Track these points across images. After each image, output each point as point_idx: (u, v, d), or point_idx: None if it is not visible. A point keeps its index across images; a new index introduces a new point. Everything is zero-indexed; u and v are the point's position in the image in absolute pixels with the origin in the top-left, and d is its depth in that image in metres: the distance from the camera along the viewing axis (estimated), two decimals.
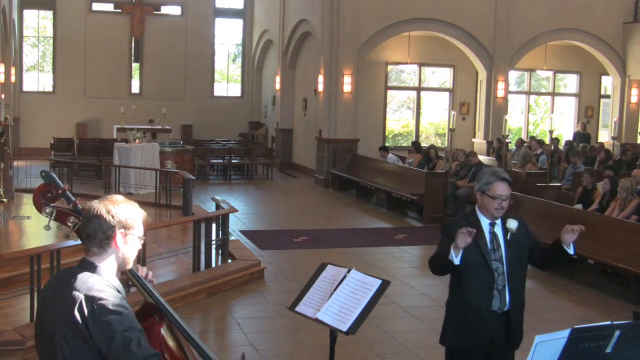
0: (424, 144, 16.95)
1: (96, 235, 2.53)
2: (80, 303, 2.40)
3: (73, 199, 2.87)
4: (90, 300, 2.40)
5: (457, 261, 3.74)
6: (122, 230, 2.55)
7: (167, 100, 21.65)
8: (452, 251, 3.74)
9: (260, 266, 8.72)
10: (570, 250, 3.80)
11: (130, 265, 2.65)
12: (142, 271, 2.79)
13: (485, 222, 3.90)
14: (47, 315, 2.51)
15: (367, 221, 13.09)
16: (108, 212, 2.53)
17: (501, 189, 3.83)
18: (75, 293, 2.43)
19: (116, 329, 2.38)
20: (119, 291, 2.52)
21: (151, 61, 22.37)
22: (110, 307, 2.40)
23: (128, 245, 2.58)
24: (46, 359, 2.55)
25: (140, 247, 2.65)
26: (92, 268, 2.53)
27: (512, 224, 3.86)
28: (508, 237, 3.88)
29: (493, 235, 3.90)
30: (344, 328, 3.46)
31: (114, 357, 2.38)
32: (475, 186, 4.01)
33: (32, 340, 5.69)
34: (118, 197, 2.62)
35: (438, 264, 3.94)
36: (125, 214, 2.56)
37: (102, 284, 2.48)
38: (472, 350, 3.92)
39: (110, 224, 2.53)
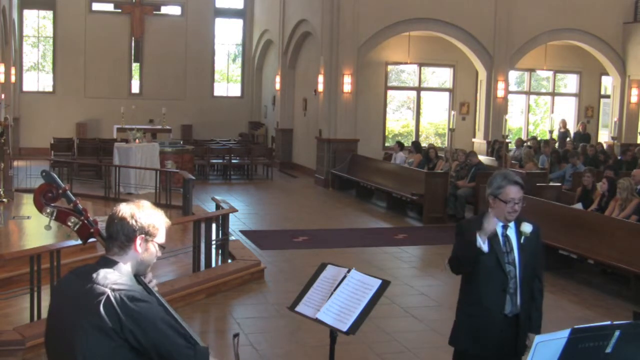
0: (424, 144, 16.95)
1: (118, 236, 2.59)
2: (107, 297, 2.43)
3: (73, 198, 2.87)
4: (118, 293, 2.44)
5: (485, 248, 3.70)
6: (144, 235, 2.60)
7: (167, 100, 21.65)
8: (478, 238, 3.70)
9: (260, 266, 8.72)
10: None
11: (148, 271, 2.70)
12: (148, 276, 2.82)
13: (498, 224, 3.86)
14: (65, 310, 2.53)
15: (367, 221, 13.09)
16: (132, 216, 2.59)
17: (513, 192, 3.80)
18: (100, 287, 2.46)
19: (150, 316, 2.45)
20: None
21: (151, 61, 22.37)
22: (139, 297, 2.47)
23: (148, 252, 2.64)
24: (58, 355, 2.56)
25: (160, 254, 2.69)
26: (112, 265, 2.57)
27: (527, 227, 3.83)
28: (522, 241, 3.86)
29: (506, 237, 3.87)
30: (344, 328, 3.46)
31: (154, 342, 2.44)
32: (487, 190, 3.95)
33: (32, 340, 5.73)
34: (145, 203, 2.68)
35: (463, 257, 3.87)
36: (149, 220, 2.62)
37: (124, 278, 2.53)
38: (483, 353, 3.90)
39: (133, 228, 2.59)
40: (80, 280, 2.53)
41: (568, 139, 18.12)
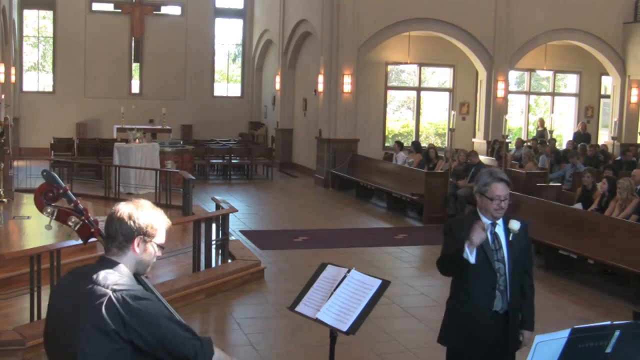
0: (424, 144, 16.95)
1: (116, 236, 2.57)
2: (109, 298, 2.42)
3: (74, 198, 2.87)
4: (119, 293, 2.44)
5: (472, 259, 3.68)
6: (142, 236, 2.58)
7: (167, 100, 21.65)
8: (466, 249, 3.67)
9: (260, 266, 8.72)
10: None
11: (147, 271, 2.69)
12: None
13: (486, 222, 3.88)
14: (65, 311, 2.52)
15: (367, 221, 13.09)
16: (130, 217, 2.57)
17: (499, 189, 3.82)
18: (100, 288, 2.45)
19: (153, 313, 2.45)
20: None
21: (151, 61, 22.37)
22: (140, 295, 2.46)
23: (147, 252, 2.62)
24: (59, 356, 2.56)
25: (160, 254, 2.67)
26: (112, 265, 2.56)
27: (515, 224, 3.84)
28: (510, 238, 3.88)
29: (494, 235, 3.90)
30: (344, 328, 3.46)
31: (160, 338, 2.44)
32: (474, 188, 4.00)
33: (32, 340, 5.73)
34: (145, 203, 2.65)
35: (451, 265, 3.87)
36: (147, 221, 2.59)
37: (124, 278, 2.52)
38: (475, 351, 3.92)
39: (131, 229, 2.56)
40: (80, 281, 2.52)
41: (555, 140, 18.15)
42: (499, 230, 3.91)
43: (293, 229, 11.77)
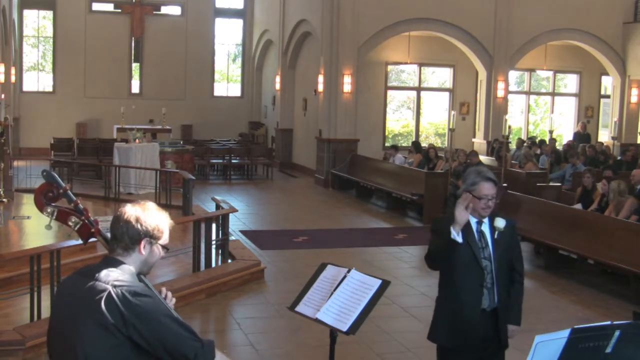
0: (424, 144, 16.95)
1: (122, 238, 2.59)
2: (109, 293, 2.43)
3: (74, 198, 2.87)
4: (119, 289, 2.44)
5: (459, 239, 3.74)
6: (149, 238, 2.60)
7: (167, 100, 21.65)
8: (452, 230, 3.74)
9: (260, 266, 8.72)
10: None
11: (150, 270, 2.70)
12: (163, 291, 2.83)
13: (472, 220, 3.93)
14: (67, 309, 2.53)
15: (367, 221, 13.09)
16: (137, 220, 2.58)
17: (487, 188, 3.86)
18: (101, 284, 2.47)
19: (153, 310, 2.45)
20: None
21: (151, 61, 22.37)
22: (140, 291, 2.47)
23: (152, 254, 2.64)
24: (60, 354, 2.56)
25: (164, 254, 2.69)
26: (116, 264, 2.57)
27: (500, 222, 3.89)
28: (496, 236, 3.92)
29: (480, 233, 3.94)
30: (344, 328, 3.46)
31: (158, 336, 2.43)
32: (461, 186, 4.03)
33: (32, 340, 5.73)
34: (150, 205, 2.66)
35: (438, 250, 3.91)
36: (154, 224, 2.61)
37: (126, 275, 2.53)
38: (465, 348, 3.94)
39: (138, 231, 2.58)
40: (82, 279, 2.54)
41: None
42: (485, 228, 3.95)
43: (293, 229, 11.77)
